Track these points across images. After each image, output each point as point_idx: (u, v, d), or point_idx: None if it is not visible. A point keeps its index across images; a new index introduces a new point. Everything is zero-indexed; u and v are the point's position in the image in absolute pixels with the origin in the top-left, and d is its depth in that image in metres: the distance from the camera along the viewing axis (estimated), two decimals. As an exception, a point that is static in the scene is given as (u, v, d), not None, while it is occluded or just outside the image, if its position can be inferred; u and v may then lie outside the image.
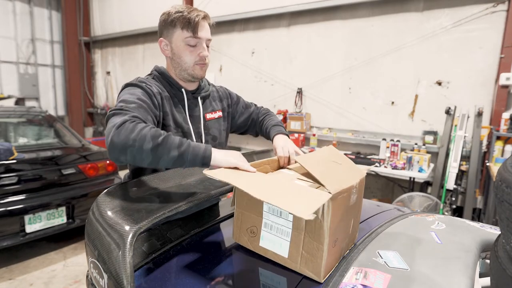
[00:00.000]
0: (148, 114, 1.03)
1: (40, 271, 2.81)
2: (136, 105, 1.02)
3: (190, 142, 0.93)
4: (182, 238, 1.01)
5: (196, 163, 0.92)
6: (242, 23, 4.98)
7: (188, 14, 1.14)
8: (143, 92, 1.10)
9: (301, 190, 0.79)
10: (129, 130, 0.88)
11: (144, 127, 0.90)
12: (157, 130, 0.92)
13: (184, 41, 1.15)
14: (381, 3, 3.80)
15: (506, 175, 0.62)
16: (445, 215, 1.26)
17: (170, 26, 1.16)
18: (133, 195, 0.95)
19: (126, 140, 0.87)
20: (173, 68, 1.23)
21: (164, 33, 1.19)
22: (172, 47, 1.19)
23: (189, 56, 1.17)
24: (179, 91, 1.23)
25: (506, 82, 3.08)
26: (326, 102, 4.36)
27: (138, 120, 0.93)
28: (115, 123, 0.90)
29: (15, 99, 6.47)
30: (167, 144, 0.89)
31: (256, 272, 0.85)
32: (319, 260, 0.75)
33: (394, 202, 3.15)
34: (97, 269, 0.77)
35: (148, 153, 0.88)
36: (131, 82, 1.14)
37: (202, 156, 0.91)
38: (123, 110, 0.97)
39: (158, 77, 1.24)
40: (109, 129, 0.91)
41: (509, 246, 0.62)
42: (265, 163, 1.07)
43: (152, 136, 0.88)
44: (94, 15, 7.49)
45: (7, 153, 2.73)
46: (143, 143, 0.87)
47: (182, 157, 0.90)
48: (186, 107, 1.24)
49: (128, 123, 0.90)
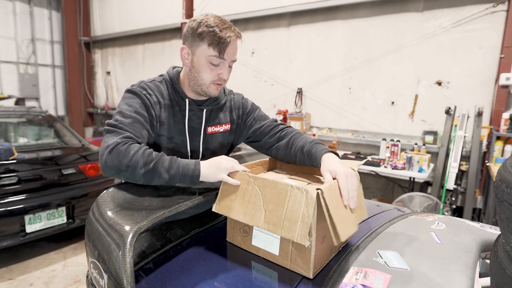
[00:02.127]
0: (143, 128, 1.05)
1: (40, 271, 2.81)
2: (131, 120, 1.03)
3: (180, 163, 0.97)
4: (182, 238, 1.01)
5: (186, 182, 0.98)
6: (242, 23, 4.98)
7: (220, 33, 1.05)
8: (141, 104, 1.08)
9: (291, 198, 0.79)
10: (122, 154, 0.93)
11: (136, 151, 0.94)
12: (150, 153, 0.96)
13: (208, 58, 1.08)
14: (381, 3, 3.80)
15: (506, 175, 0.62)
16: (445, 215, 1.26)
17: (197, 38, 1.08)
18: (133, 195, 0.95)
19: (119, 165, 0.93)
20: (188, 78, 1.16)
21: (189, 41, 1.11)
22: (193, 59, 1.11)
23: (209, 74, 1.10)
24: (183, 100, 1.18)
25: (506, 82, 3.08)
26: (326, 102, 4.36)
27: (130, 141, 0.97)
28: (108, 144, 0.95)
29: (15, 99, 6.47)
30: (158, 169, 0.95)
31: (256, 272, 0.85)
32: (308, 256, 0.78)
33: (394, 202, 3.15)
34: (97, 269, 0.78)
35: (141, 177, 0.95)
36: (133, 89, 1.11)
37: (191, 176, 0.96)
38: (117, 127, 1.00)
39: (167, 82, 1.19)
40: (102, 149, 0.96)
41: (509, 246, 0.62)
42: (257, 164, 1.13)
43: (144, 163, 0.93)
44: (94, 15, 7.49)
45: (7, 153, 2.73)
46: (135, 169, 0.93)
47: (173, 179, 0.96)
48: (186, 118, 1.18)
49: (121, 145, 0.94)
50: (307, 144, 1.10)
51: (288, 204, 0.78)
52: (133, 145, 0.96)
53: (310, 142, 1.11)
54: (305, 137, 1.17)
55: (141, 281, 0.80)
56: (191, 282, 0.79)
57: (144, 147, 0.97)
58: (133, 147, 0.95)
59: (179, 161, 0.98)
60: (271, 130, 1.25)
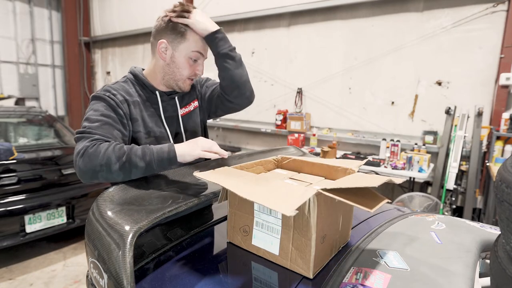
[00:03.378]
0: (113, 129, 1.05)
1: (40, 271, 2.81)
2: (99, 123, 1.03)
3: (153, 149, 0.98)
4: (182, 238, 1.01)
5: (165, 165, 0.98)
6: (242, 23, 4.98)
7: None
8: (106, 106, 1.08)
9: (289, 188, 0.79)
10: (92, 155, 0.93)
11: (106, 149, 0.94)
12: (121, 147, 0.96)
13: (190, 54, 1.14)
14: (381, 3, 3.80)
15: (506, 175, 0.62)
16: (445, 215, 1.26)
17: (179, 35, 1.13)
18: (133, 195, 0.94)
19: (93, 166, 0.93)
20: (161, 72, 1.18)
21: (169, 37, 1.15)
22: (174, 55, 1.15)
23: (188, 70, 1.16)
24: (153, 94, 1.20)
25: (506, 82, 3.08)
26: (326, 102, 4.36)
27: (99, 142, 0.97)
28: (78, 150, 0.96)
29: (15, 99, 6.48)
30: (132, 159, 0.95)
31: (256, 272, 0.85)
32: (308, 256, 0.77)
33: (394, 202, 3.15)
34: (97, 269, 0.77)
35: (118, 172, 0.95)
36: (97, 94, 1.11)
37: (167, 158, 0.97)
38: (85, 133, 1.00)
39: (132, 80, 1.20)
40: (74, 157, 0.97)
41: (509, 246, 0.62)
42: (258, 164, 1.11)
43: (117, 157, 0.94)
44: (94, 15, 7.50)
45: (7, 153, 2.73)
46: (110, 166, 0.93)
47: (150, 165, 0.96)
48: (161, 109, 1.20)
49: (90, 148, 0.94)
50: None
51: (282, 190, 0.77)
52: (102, 144, 0.96)
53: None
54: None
55: (141, 281, 0.80)
56: (191, 282, 0.79)
57: (114, 143, 0.98)
58: (102, 146, 0.95)
59: (152, 148, 0.99)
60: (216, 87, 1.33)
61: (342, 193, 0.73)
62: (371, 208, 0.69)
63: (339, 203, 0.85)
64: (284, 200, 0.70)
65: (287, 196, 0.73)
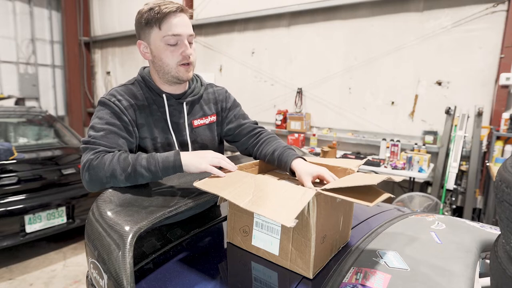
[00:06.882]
0: (118, 137, 1.03)
1: (40, 271, 2.81)
2: (104, 132, 1.02)
3: (159, 158, 0.96)
4: (182, 238, 1.01)
5: (170, 174, 0.97)
6: (242, 23, 4.98)
7: (162, 10, 1.02)
8: (111, 113, 1.05)
9: (288, 190, 0.78)
10: (97, 169, 0.94)
11: (111, 160, 0.95)
12: (125, 158, 0.96)
13: (163, 40, 1.05)
14: (381, 3, 3.80)
15: (506, 175, 0.62)
16: (445, 215, 1.26)
17: (145, 26, 1.08)
18: (133, 195, 0.95)
19: (99, 179, 0.95)
20: (156, 72, 1.13)
21: (142, 34, 1.11)
22: (151, 49, 1.10)
23: (171, 57, 1.07)
24: (160, 96, 1.14)
25: (506, 82, 3.08)
26: (326, 102, 4.36)
27: (102, 154, 0.97)
28: (83, 163, 0.97)
29: (15, 99, 6.47)
30: (137, 170, 0.95)
31: (256, 272, 0.85)
32: (308, 256, 0.77)
33: (394, 202, 3.15)
34: (97, 269, 0.77)
35: (125, 182, 0.96)
36: (102, 100, 1.08)
37: (173, 167, 0.96)
38: (89, 143, 1.00)
39: (140, 82, 1.16)
40: (80, 170, 0.98)
41: (509, 246, 0.62)
42: (256, 164, 1.12)
43: (122, 168, 0.94)
44: (94, 15, 7.49)
45: (7, 153, 2.73)
46: (115, 178, 0.94)
47: (156, 175, 0.96)
48: (168, 114, 1.15)
49: (93, 161, 0.95)
50: (279, 148, 1.12)
51: (281, 195, 0.76)
52: (105, 156, 0.96)
53: (283, 146, 1.13)
54: (279, 141, 1.19)
55: (141, 281, 0.80)
56: (191, 282, 0.79)
57: (117, 153, 0.97)
58: (106, 158, 0.95)
59: (157, 156, 0.97)
60: (250, 132, 1.26)
61: (341, 193, 0.73)
62: (370, 202, 0.69)
63: (339, 203, 0.85)
64: (284, 205, 0.70)
65: (287, 200, 0.73)
